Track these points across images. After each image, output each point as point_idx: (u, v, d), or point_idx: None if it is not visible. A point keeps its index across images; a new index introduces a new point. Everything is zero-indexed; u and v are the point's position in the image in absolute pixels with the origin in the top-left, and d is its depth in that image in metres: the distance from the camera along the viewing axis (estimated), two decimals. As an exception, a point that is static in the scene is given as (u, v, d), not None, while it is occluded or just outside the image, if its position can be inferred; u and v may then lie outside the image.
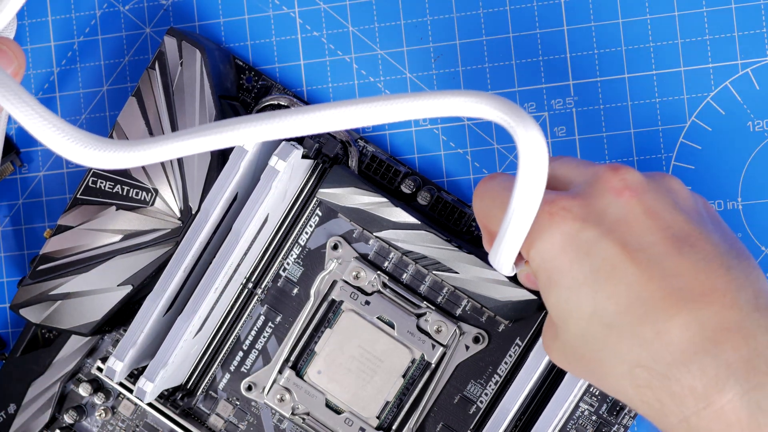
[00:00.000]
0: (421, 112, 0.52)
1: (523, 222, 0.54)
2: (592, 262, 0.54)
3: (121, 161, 0.51)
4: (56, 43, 0.72)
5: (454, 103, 0.51)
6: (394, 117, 0.51)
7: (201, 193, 0.66)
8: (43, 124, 0.50)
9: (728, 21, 0.68)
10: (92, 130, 0.72)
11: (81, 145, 0.50)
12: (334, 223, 0.69)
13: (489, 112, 0.52)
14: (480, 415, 0.68)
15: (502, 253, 0.57)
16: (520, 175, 0.53)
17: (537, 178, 0.53)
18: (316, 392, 0.68)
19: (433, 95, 0.51)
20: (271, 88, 0.70)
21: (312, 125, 0.51)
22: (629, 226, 0.54)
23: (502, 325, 0.67)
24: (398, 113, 0.52)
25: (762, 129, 0.68)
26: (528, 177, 0.52)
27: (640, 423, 0.68)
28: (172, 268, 0.65)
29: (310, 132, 0.51)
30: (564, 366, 0.58)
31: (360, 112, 0.51)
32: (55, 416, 0.70)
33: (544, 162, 0.52)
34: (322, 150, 0.68)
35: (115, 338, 0.70)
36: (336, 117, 0.51)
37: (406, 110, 0.52)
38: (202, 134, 0.51)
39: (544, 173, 0.52)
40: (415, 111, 0.51)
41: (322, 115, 0.51)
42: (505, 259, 0.58)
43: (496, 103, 0.52)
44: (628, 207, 0.54)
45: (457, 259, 0.66)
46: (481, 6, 0.70)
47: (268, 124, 0.51)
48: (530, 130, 0.51)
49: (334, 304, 0.68)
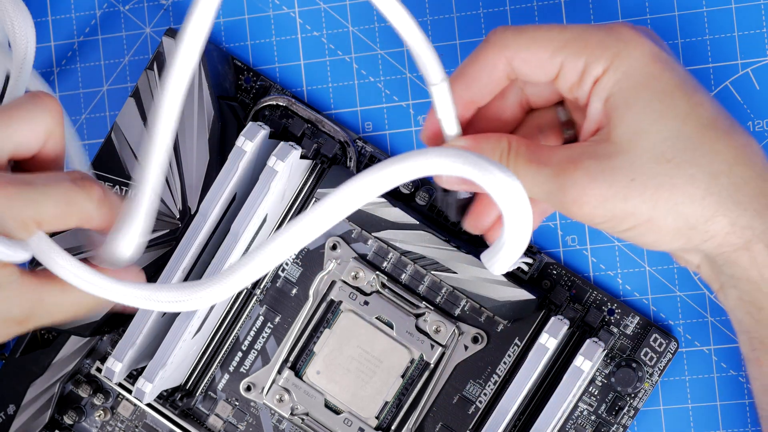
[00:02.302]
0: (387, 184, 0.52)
1: (523, 236, 0.55)
2: (679, 75, 0.56)
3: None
4: (56, 43, 0.72)
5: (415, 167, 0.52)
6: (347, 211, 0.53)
7: (200, 194, 0.66)
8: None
9: (728, 21, 0.68)
10: (92, 130, 0.72)
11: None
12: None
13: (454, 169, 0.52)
14: (479, 415, 0.68)
15: (499, 260, 0.58)
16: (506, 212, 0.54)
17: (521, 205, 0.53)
18: (315, 392, 0.68)
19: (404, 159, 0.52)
20: (269, 88, 0.70)
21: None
22: (670, 62, 0.57)
23: (500, 325, 0.67)
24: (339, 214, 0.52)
25: (762, 129, 0.68)
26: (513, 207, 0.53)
27: (640, 423, 0.68)
28: (171, 268, 0.65)
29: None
30: (620, 191, 0.55)
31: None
32: (54, 417, 0.70)
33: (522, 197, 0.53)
34: (320, 150, 0.68)
35: (114, 339, 0.70)
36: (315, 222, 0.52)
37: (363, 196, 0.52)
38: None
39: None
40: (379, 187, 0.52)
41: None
42: (502, 267, 0.59)
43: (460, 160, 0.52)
44: (656, 49, 0.57)
45: (455, 259, 0.66)
46: (481, 6, 0.70)
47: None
48: (496, 174, 0.52)
49: (333, 305, 0.68)
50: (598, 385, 0.67)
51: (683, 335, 0.68)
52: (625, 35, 0.56)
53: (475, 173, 0.51)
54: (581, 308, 0.67)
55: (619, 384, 0.66)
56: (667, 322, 0.68)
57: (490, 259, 0.59)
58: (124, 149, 0.67)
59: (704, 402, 0.68)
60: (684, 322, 0.68)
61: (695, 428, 0.68)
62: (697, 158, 0.55)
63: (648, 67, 0.56)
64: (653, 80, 0.56)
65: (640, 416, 0.68)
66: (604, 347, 0.65)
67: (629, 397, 0.67)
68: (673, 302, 0.68)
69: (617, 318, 0.67)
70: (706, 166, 0.55)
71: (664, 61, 0.56)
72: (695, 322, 0.68)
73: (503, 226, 0.54)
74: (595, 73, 0.56)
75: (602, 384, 0.67)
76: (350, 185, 0.51)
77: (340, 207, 0.52)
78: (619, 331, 0.67)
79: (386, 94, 0.70)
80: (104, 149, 0.68)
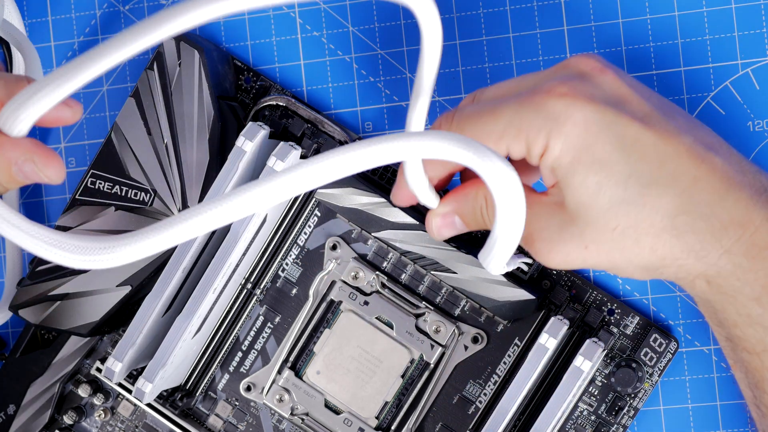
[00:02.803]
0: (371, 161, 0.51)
1: (516, 229, 0.56)
2: (616, 134, 0.57)
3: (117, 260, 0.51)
4: (56, 43, 0.72)
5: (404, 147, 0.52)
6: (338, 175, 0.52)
7: (200, 194, 0.66)
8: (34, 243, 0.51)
9: (728, 21, 0.68)
10: (92, 130, 0.72)
11: (78, 252, 0.51)
12: (332, 224, 0.69)
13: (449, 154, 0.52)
14: (479, 415, 0.68)
15: (494, 257, 0.59)
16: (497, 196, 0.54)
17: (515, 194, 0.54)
18: (315, 392, 0.68)
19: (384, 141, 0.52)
20: (269, 88, 0.70)
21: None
22: (626, 101, 0.58)
23: (500, 325, 0.67)
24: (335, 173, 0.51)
25: (762, 129, 0.68)
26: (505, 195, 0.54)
27: (640, 423, 0.68)
28: (171, 268, 0.65)
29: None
30: (579, 256, 0.59)
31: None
32: (54, 417, 0.70)
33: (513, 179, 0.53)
34: (320, 150, 0.68)
35: (114, 339, 0.70)
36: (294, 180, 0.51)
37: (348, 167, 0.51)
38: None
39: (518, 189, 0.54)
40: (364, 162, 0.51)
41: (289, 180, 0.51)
42: (498, 264, 0.59)
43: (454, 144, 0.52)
44: (616, 84, 0.59)
45: (455, 259, 0.66)
46: (481, 6, 0.70)
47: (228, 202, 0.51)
48: (492, 161, 0.52)
49: (332, 305, 0.68)
50: (598, 385, 0.67)
51: (683, 335, 0.68)
52: (553, 110, 0.57)
53: (473, 158, 0.51)
54: (581, 308, 0.67)
55: (619, 384, 0.66)
56: (667, 322, 0.68)
57: (485, 258, 0.60)
58: (124, 149, 0.67)
59: (704, 402, 0.68)
60: (684, 322, 0.68)
61: (695, 428, 0.68)
62: (639, 222, 0.57)
63: (581, 138, 0.57)
64: (588, 152, 0.57)
65: (640, 416, 0.68)
66: (604, 347, 0.65)
67: (629, 397, 0.67)
68: (673, 302, 0.68)
69: (617, 318, 0.67)
70: (648, 228, 0.57)
71: (598, 124, 0.57)
72: (695, 322, 0.68)
73: (495, 218, 0.55)
74: (536, 153, 0.58)
75: (602, 384, 0.67)
76: (337, 155, 0.51)
77: (314, 177, 0.51)
78: (619, 331, 0.67)
79: (386, 94, 0.70)
80: (104, 149, 0.68)
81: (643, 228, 0.57)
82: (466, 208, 0.61)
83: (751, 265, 0.57)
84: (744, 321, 0.59)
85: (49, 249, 0.51)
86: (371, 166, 0.51)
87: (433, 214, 0.63)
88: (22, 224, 0.51)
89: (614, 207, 0.57)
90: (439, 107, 0.70)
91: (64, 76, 0.50)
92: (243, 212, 0.50)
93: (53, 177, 0.54)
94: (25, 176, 0.54)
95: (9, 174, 0.54)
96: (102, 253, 0.50)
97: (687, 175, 0.57)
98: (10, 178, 0.54)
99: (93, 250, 0.50)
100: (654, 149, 0.57)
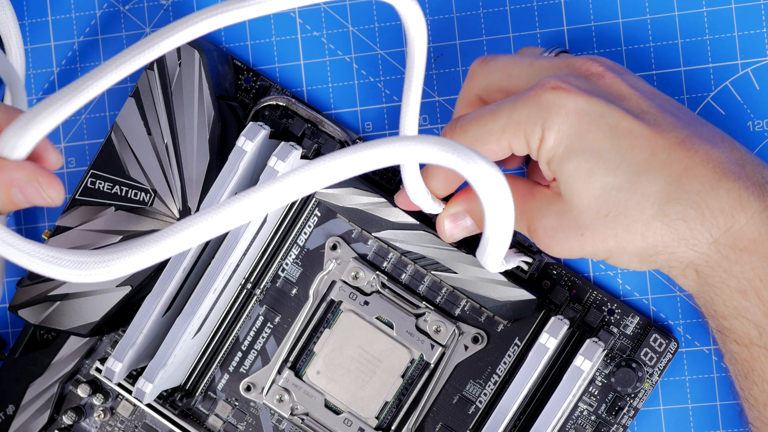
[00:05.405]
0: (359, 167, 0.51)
1: (505, 227, 0.56)
2: (608, 124, 0.58)
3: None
4: (56, 43, 0.72)
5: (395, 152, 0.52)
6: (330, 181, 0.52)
7: (200, 194, 0.66)
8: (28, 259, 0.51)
9: (728, 21, 0.68)
10: (92, 130, 0.72)
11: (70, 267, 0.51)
12: (332, 224, 0.69)
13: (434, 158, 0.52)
14: (479, 415, 0.68)
15: (489, 255, 0.60)
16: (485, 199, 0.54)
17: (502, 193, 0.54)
18: (315, 392, 0.68)
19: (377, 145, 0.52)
20: (269, 88, 0.70)
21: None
22: (623, 98, 0.60)
23: (500, 325, 0.67)
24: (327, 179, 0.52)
25: (762, 129, 0.68)
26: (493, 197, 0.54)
27: (640, 423, 0.68)
28: (171, 268, 0.65)
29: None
30: (576, 243, 0.60)
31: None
32: (53, 417, 0.70)
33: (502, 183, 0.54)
34: (321, 150, 0.68)
35: (114, 339, 0.70)
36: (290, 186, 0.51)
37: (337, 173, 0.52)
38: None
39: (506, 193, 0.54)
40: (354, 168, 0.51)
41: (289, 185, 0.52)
42: (494, 262, 0.60)
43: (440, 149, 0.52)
44: (615, 84, 0.60)
45: (455, 259, 0.66)
46: (481, 6, 0.70)
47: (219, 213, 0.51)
48: (478, 163, 0.52)
49: (333, 305, 0.68)
50: (598, 385, 0.67)
51: (683, 335, 0.68)
52: (547, 101, 0.59)
53: (457, 161, 0.51)
54: (581, 308, 0.67)
55: (619, 384, 0.66)
56: (667, 322, 0.68)
57: (482, 256, 0.60)
58: (124, 149, 0.67)
59: (704, 402, 0.68)
60: (684, 322, 0.68)
61: (695, 428, 0.68)
62: (629, 209, 0.58)
63: (573, 127, 0.59)
64: (580, 140, 0.59)
65: (640, 416, 0.68)
66: (604, 347, 0.65)
67: (629, 397, 0.67)
68: (673, 302, 0.68)
69: (617, 318, 0.67)
70: (639, 215, 0.58)
71: (590, 114, 0.59)
72: (695, 322, 0.68)
73: (485, 218, 0.55)
74: (534, 146, 0.60)
75: (602, 384, 0.67)
76: (324, 162, 0.51)
77: (295, 189, 0.51)
78: (619, 331, 0.67)
79: (386, 94, 0.70)
80: (104, 149, 0.68)
81: (634, 215, 0.58)
82: (477, 206, 0.63)
83: (737, 257, 0.58)
84: (731, 313, 0.59)
85: (47, 266, 0.51)
86: (358, 173, 0.51)
87: (443, 216, 0.64)
88: (18, 243, 0.51)
89: (605, 194, 0.58)
90: (439, 107, 0.70)
91: (63, 98, 0.51)
92: (235, 222, 0.51)
93: (55, 198, 0.55)
94: (26, 197, 0.54)
95: (8, 196, 0.54)
96: (98, 267, 0.51)
97: (679, 164, 0.58)
98: (8, 201, 0.54)
99: (89, 265, 0.51)
100: (646, 140, 0.58)
